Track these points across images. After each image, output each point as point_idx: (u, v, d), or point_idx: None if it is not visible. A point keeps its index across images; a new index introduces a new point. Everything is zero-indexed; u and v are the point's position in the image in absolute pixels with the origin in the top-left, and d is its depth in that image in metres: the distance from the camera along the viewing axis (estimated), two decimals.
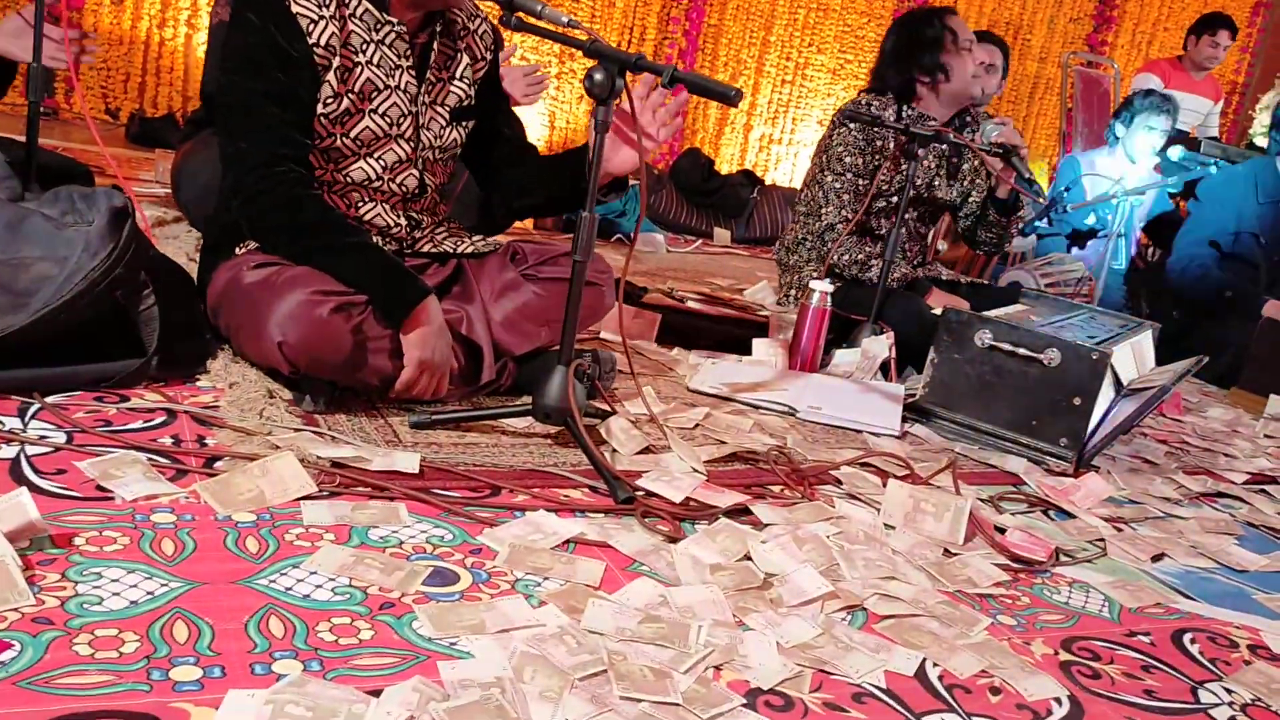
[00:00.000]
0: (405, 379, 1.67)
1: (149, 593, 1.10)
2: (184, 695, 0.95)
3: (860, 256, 2.75)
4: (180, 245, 2.55)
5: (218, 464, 1.43)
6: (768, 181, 5.49)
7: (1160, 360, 2.64)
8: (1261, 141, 6.06)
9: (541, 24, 1.60)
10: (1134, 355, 2.32)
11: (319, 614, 1.12)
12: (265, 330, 1.59)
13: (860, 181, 2.77)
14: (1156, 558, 1.75)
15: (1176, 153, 4.08)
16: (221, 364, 1.76)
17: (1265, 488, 2.27)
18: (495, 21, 1.72)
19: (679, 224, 4.73)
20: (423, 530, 1.35)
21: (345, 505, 1.37)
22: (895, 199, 2.75)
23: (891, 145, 2.75)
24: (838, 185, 2.77)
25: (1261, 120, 6.12)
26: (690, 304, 2.82)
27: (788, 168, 5.92)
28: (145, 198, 3.06)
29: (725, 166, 5.64)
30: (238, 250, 1.73)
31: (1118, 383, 2.11)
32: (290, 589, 1.16)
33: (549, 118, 5.31)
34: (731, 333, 2.62)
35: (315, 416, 1.64)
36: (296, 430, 1.56)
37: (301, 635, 1.08)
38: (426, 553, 1.30)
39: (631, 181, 4.67)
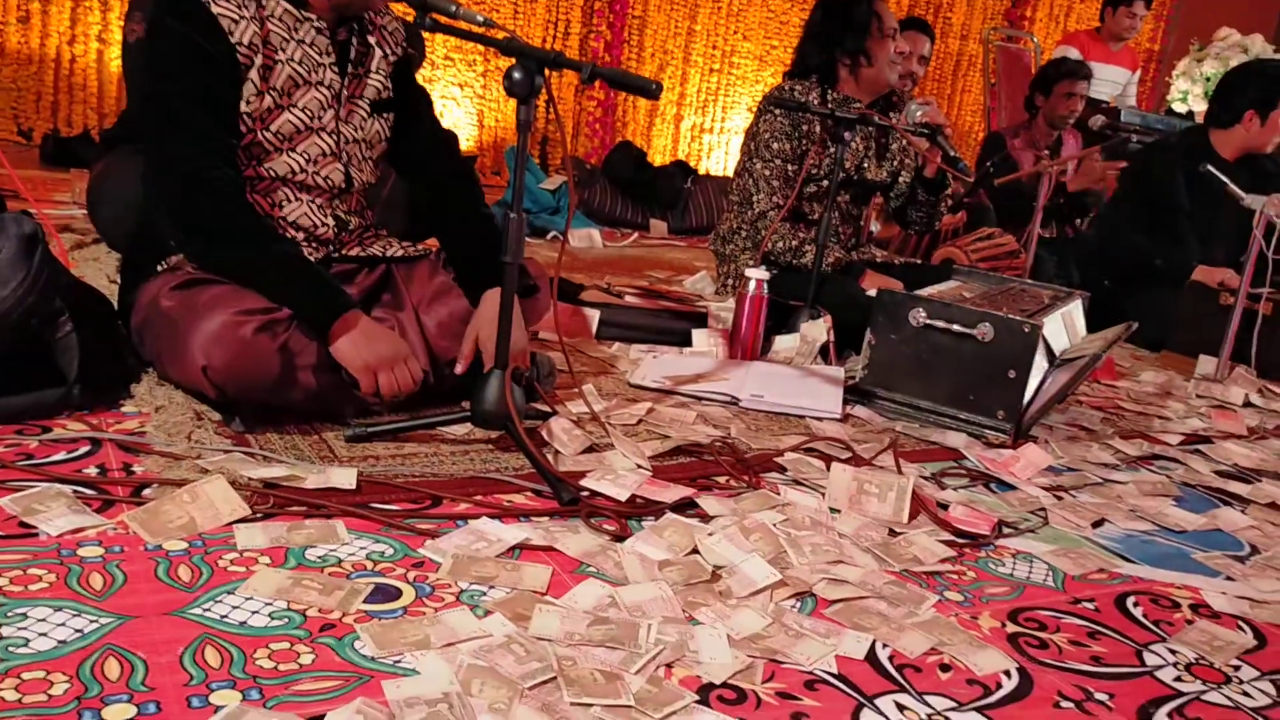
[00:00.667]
0: (365, 388, 1.65)
1: (78, 630, 1.07)
2: None
3: (794, 243, 2.76)
4: (100, 267, 2.48)
5: (146, 492, 1.39)
6: (701, 171, 5.50)
7: (1093, 327, 2.68)
8: (1180, 108, 6.21)
9: (457, 24, 1.58)
10: (1065, 325, 2.35)
11: (257, 640, 1.09)
12: (189, 355, 1.55)
13: (789, 167, 2.77)
14: (1097, 524, 1.78)
15: (1097, 122, 4.15)
16: (147, 387, 1.71)
17: (1199, 448, 2.32)
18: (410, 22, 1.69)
19: (614, 217, 4.71)
20: (362, 547, 1.32)
21: (280, 526, 1.34)
22: (825, 183, 2.76)
23: (818, 129, 2.75)
24: (767, 172, 2.77)
25: (1178, 86, 6.26)
26: (628, 299, 2.81)
27: (720, 156, 5.94)
28: (62, 220, 2.97)
29: (658, 158, 5.64)
30: (159, 268, 1.70)
31: (1050, 353, 2.14)
32: (226, 616, 1.13)
33: (477, 116, 5.26)
34: (671, 326, 2.61)
35: (246, 436, 1.60)
36: (227, 452, 1.52)
37: (239, 664, 1.05)
38: (367, 569, 1.27)
39: (562, 179, 4.63)
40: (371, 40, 1.83)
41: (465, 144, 5.22)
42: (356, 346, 1.63)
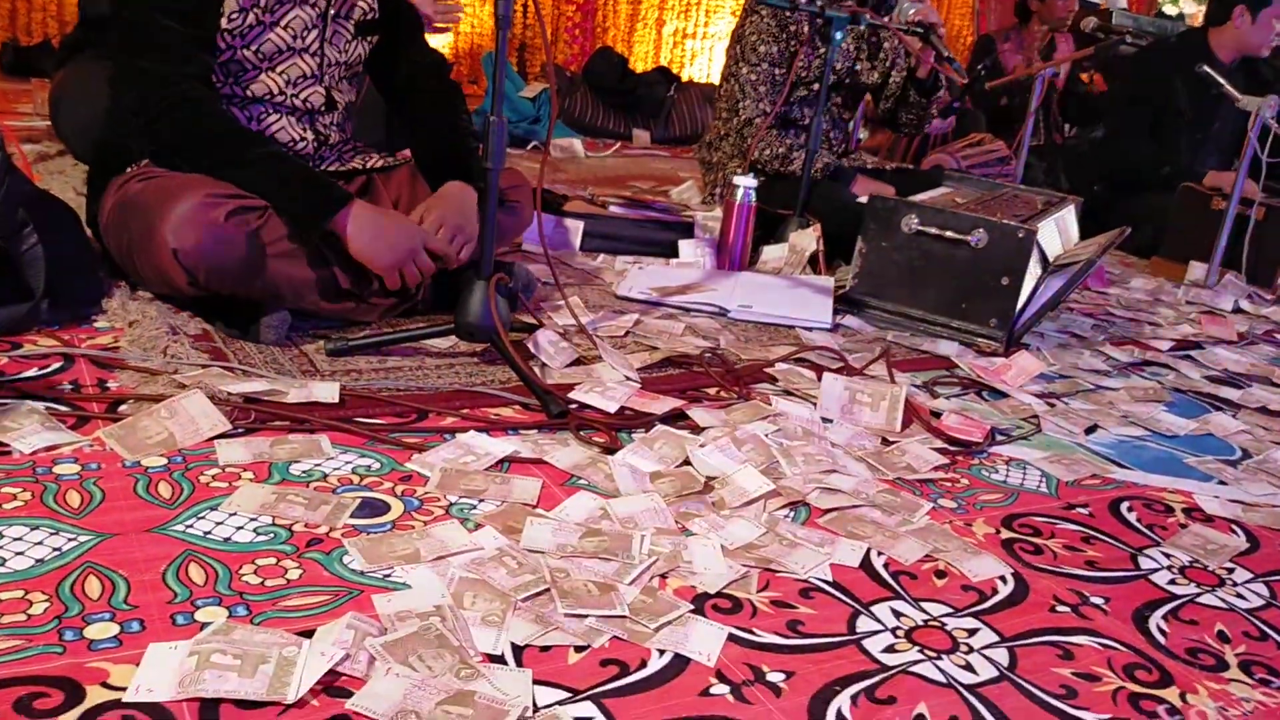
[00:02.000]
0: (391, 285, 1.65)
1: (56, 549, 1.04)
2: (101, 654, 0.90)
3: (781, 150, 2.68)
4: (67, 180, 2.40)
5: (122, 408, 1.35)
6: (684, 78, 5.36)
7: (1085, 233, 2.64)
8: (1170, 10, 6.08)
9: None
10: (1059, 231, 2.32)
11: (242, 556, 1.07)
12: (159, 237, 1.49)
13: (777, 71, 2.68)
14: (1090, 430, 1.76)
15: (1089, 24, 4.04)
16: (119, 302, 1.66)
17: (1190, 353, 2.31)
18: None
19: (596, 127, 4.60)
20: (347, 461, 1.29)
21: (263, 441, 1.30)
22: (815, 86, 2.68)
23: (806, 29, 2.66)
24: (753, 77, 2.68)
25: None
26: (613, 209, 2.75)
27: (704, 62, 5.79)
28: (24, 131, 2.87)
29: (640, 64, 5.49)
30: (128, 169, 1.63)
31: (1044, 259, 2.11)
32: (209, 533, 1.10)
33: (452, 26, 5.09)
34: (657, 236, 2.55)
35: (223, 350, 1.55)
36: (204, 366, 1.47)
37: (224, 580, 1.02)
38: (353, 484, 1.24)
39: (542, 87, 4.50)
40: None
41: (440, 50, 5.07)
42: (374, 245, 1.59)
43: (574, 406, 1.53)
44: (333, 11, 1.73)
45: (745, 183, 2.41)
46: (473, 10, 5.13)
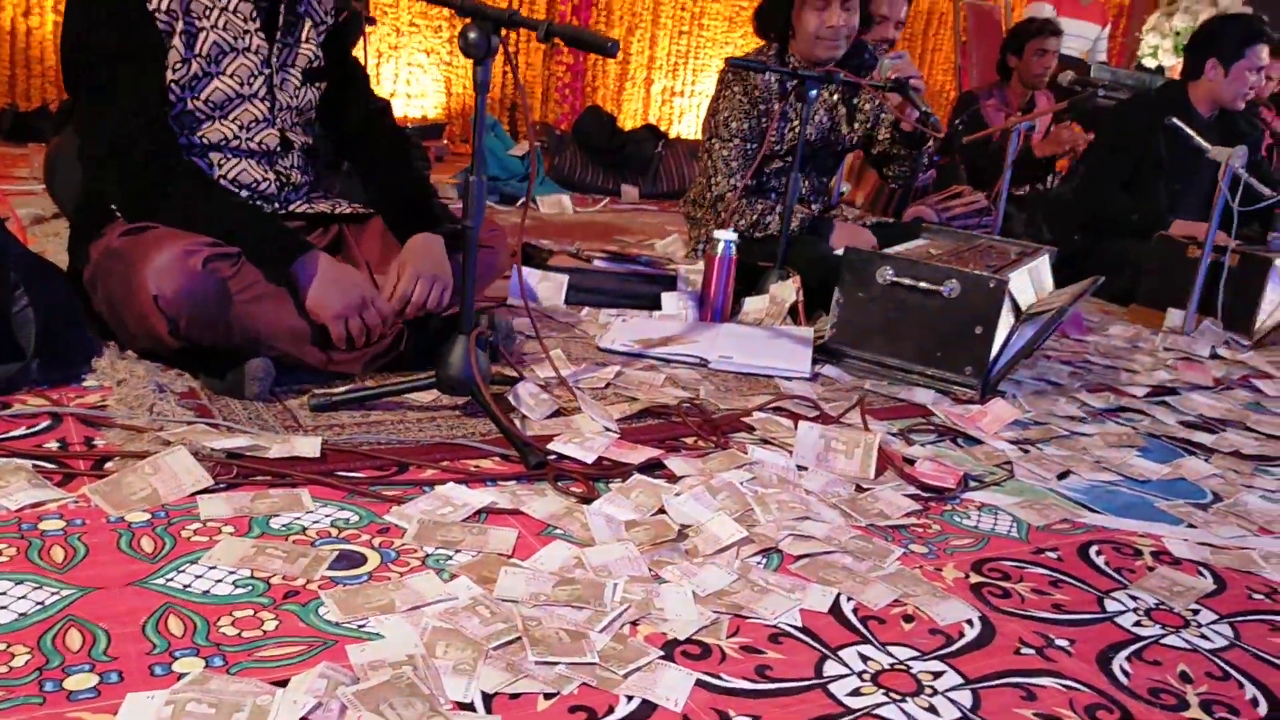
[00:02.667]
0: (336, 335, 1.69)
1: (39, 603, 1.06)
2: (80, 704, 0.92)
3: (754, 218, 2.72)
4: (61, 242, 2.43)
5: (108, 465, 1.38)
6: (672, 135, 5.47)
7: (1063, 282, 2.70)
8: (1150, 63, 6.21)
9: None
10: (1032, 280, 2.37)
11: (220, 609, 1.09)
12: (140, 286, 1.54)
13: (749, 146, 2.73)
14: (1062, 475, 1.79)
15: (1067, 78, 4.15)
16: (108, 361, 1.69)
17: (1165, 399, 2.34)
18: None
19: (585, 183, 4.68)
20: (327, 514, 1.32)
21: (244, 496, 1.33)
22: (789, 158, 2.74)
23: (777, 106, 2.71)
24: (725, 153, 2.72)
25: (1149, 41, 6.26)
26: (597, 263, 2.80)
27: (691, 119, 5.90)
28: (21, 195, 2.93)
29: (629, 122, 5.60)
30: (105, 231, 1.68)
31: (1016, 308, 2.15)
32: (189, 586, 1.13)
33: (445, 84, 5.20)
34: (640, 290, 2.60)
35: (208, 407, 1.58)
36: (190, 424, 1.51)
37: (202, 632, 1.05)
38: (331, 536, 1.27)
39: (534, 143, 4.57)
40: (301, 9, 1.83)
41: (433, 111, 5.17)
42: (325, 293, 1.65)
43: (553, 457, 1.56)
44: (276, 60, 1.79)
45: (726, 237, 2.46)
46: (465, 72, 5.24)
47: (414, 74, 5.05)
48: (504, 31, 1.52)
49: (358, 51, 3.09)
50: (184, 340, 1.59)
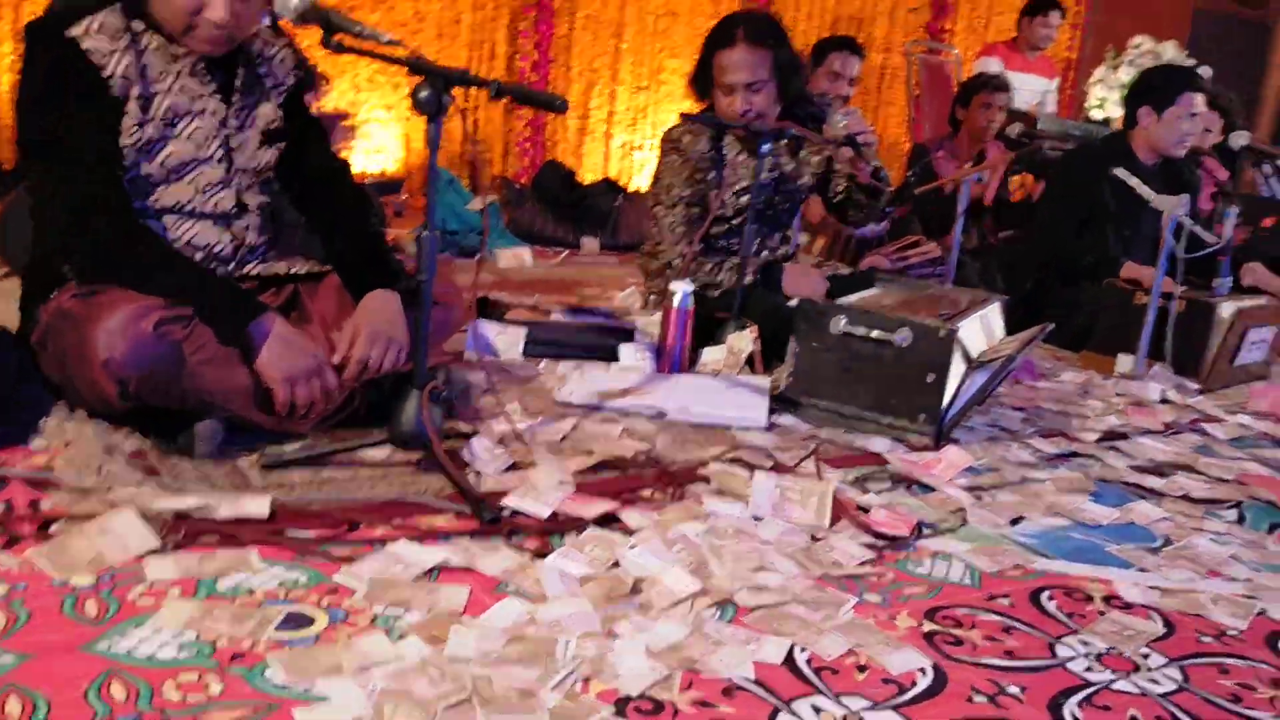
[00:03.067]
0: (281, 401, 1.65)
1: None
2: None
3: (706, 279, 2.74)
4: (13, 302, 2.42)
5: (53, 527, 1.36)
6: (631, 188, 5.52)
7: (1016, 328, 2.74)
8: (1098, 115, 6.38)
9: (362, 44, 1.58)
10: (983, 328, 2.40)
11: (165, 673, 1.07)
12: (90, 350, 1.53)
13: (692, 210, 2.75)
14: (1015, 521, 1.81)
15: (1014, 130, 4.26)
16: (56, 422, 1.67)
17: (1116, 444, 2.37)
18: (319, 43, 1.69)
19: (545, 236, 4.71)
20: (275, 575, 1.31)
21: (192, 557, 1.31)
22: (735, 221, 2.77)
23: (713, 174, 2.74)
24: (669, 220, 2.73)
25: (1096, 94, 6.43)
26: (555, 315, 2.81)
27: (651, 172, 5.97)
28: None
29: (589, 175, 5.64)
30: (54, 294, 1.67)
31: (967, 356, 2.19)
32: (133, 650, 1.11)
33: (404, 139, 5.23)
34: (598, 342, 2.61)
35: (156, 467, 1.57)
36: (138, 484, 1.49)
37: (146, 697, 1.03)
38: (280, 598, 1.25)
39: (490, 198, 4.61)
40: (261, 71, 1.84)
41: (392, 166, 5.19)
42: (277, 357, 1.63)
43: (507, 512, 1.55)
44: (234, 121, 1.80)
45: (682, 288, 2.48)
46: (423, 128, 5.28)
47: (374, 129, 5.08)
48: (463, 91, 1.54)
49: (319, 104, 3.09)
50: (134, 402, 1.57)
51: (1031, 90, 5.75)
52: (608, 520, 1.58)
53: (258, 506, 1.44)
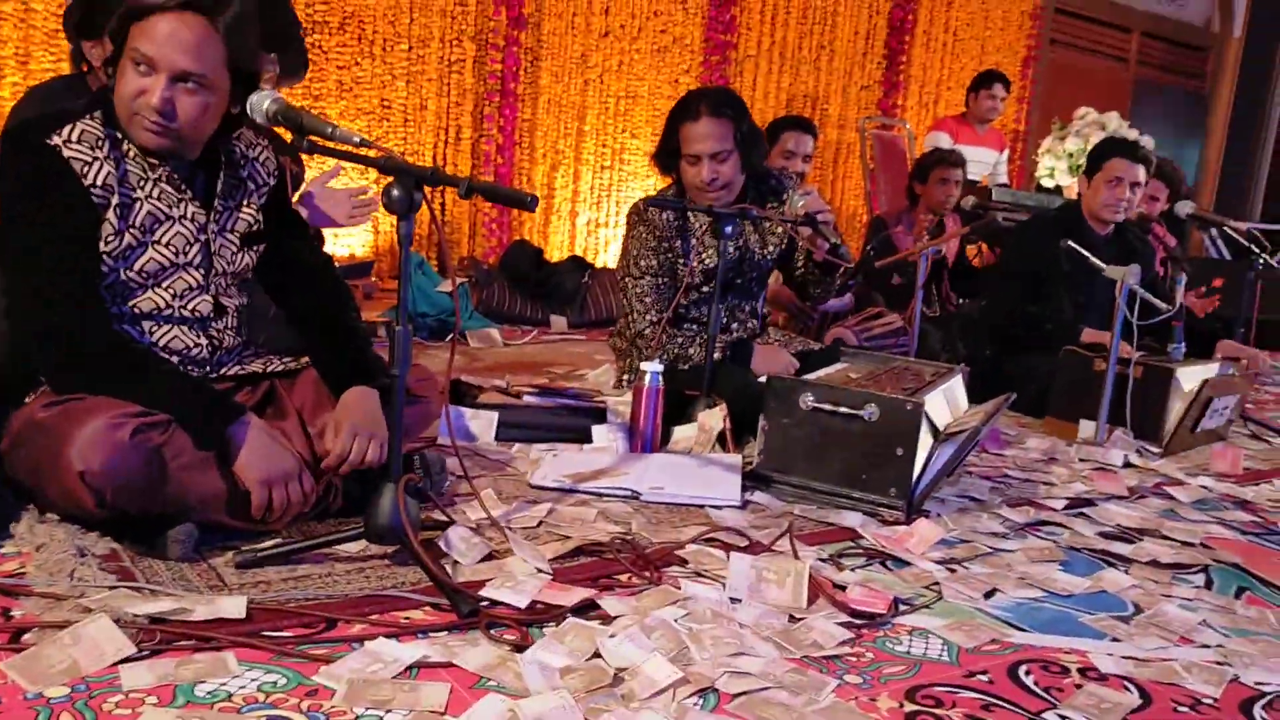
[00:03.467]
0: (257, 504, 1.65)
1: None
2: None
3: (677, 351, 2.79)
4: None
5: (25, 637, 1.34)
6: (598, 265, 5.59)
7: (979, 396, 2.79)
8: (1048, 183, 6.57)
9: (334, 145, 1.61)
10: (947, 400, 2.45)
11: None
12: (65, 461, 1.52)
13: (661, 280, 2.82)
14: (989, 594, 1.83)
15: (969, 202, 4.38)
16: (27, 526, 1.66)
17: (1083, 511, 2.41)
18: (289, 141, 1.72)
19: (514, 315, 4.75)
20: (254, 678, 1.29)
21: (169, 662, 1.30)
22: (705, 289, 2.83)
23: (679, 243, 2.81)
24: (638, 290, 2.81)
25: (1045, 163, 6.63)
26: (527, 398, 2.83)
27: (617, 248, 6.04)
28: None
29: (555, 253, 5.71)
30: (27, 400, 1.67)
31: (934, 429, 2.22)
32: None
33: (373, 222, 5.27)
34: (570, 423, 2.63)
35: (131, 570, 1.55)
36: (112, 588, 1.47)
37: None
38: (259, 702, 1.24)
39: (460, 279, 4.64)
40: (243, 174, 1.86)
41: (360, 250, 5.22)
42: (255, 460, 1.64)
43: (485, 604, 1.55)
44: (214, 226, 1.81)
45: (652, 368, 2.51)
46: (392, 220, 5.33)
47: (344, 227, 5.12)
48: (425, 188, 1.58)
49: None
50: (112, 511, 1.56)
51: (982, 162, 5.92)
52: (586, 608, 1.58)
53: (234, 607, 1.43)
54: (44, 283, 1.63)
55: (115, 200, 1.67)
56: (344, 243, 5.17)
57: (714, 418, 2.58)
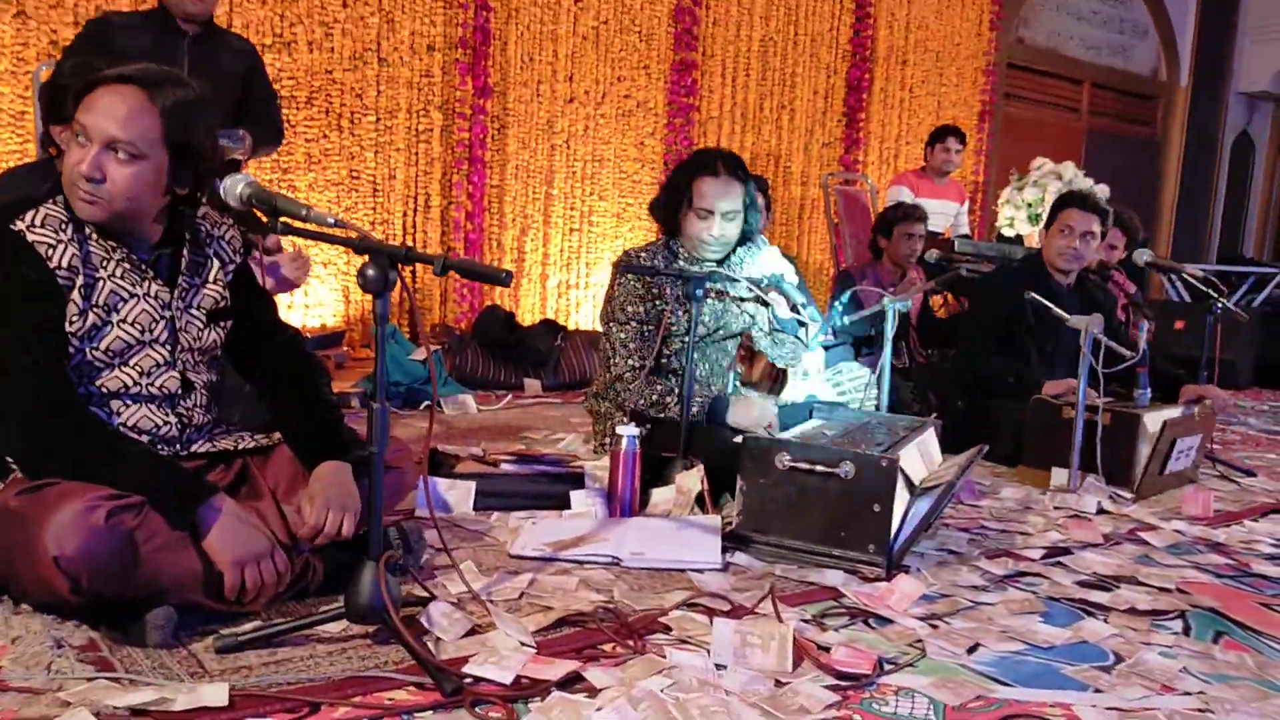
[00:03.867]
0: (230, 585, 1.64)
1: None
2: None
3: (654, 397, 2.82)
4: None
5: None
6: (570, 327, 5.62)
7: (953, 446, 2.82)
8: (1009, 233, 6.70)
9: (309, 226, 1.63)
10: (920, 454, 2.47)
11: None
12: (39, 546, 1.51)
13: (645, 328, 2.86)
14: (972, 649, 1.84)
15: (932, 255, 4.46)
16: (1, 617, 1.63)
17: (1060, 560, 2.43)
18: (263, 220, 1.73)
19: (488, 380, 4.75)
20: None
21: None
22: (688, 338, 2.86)
23: (668, 290, 2.87)
24: (623, 335, 2.86)
25: (1004, 213, 6.77)
26: (504, 466, 2.83)
27: (588, 310, 6.08)
28: None
29: (527, 317, 5.73)
30: (4, 483, 1.66)
31: (910, 484, 2.25)
32: None
33: (344, 292, 5.28)
34: (548, 490, 2.63)
35: (110, 659, 1.53)
36: (90, 680, 1.45)
37: None
38: None
39: (433, 347, 4.63)
40: (208, 250, 1.87)
41: (332, 320, 5.22)
42: (228, 539, 1.63)
43: (469, 681, 1.54)
44: (179, 303, 1.82)
45: (629, 432, 2.52)
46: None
47: (313, 284, 5.12)
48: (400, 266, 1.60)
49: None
50: (87, 597, 1.55)
51: (943, 214, 6.04)
52: (572, 680, 1.58)
53: (215, 695, 1.41)
54: (11, 367, 1.63)
55: (80, 280, 1.69)
56: (315, 313, 5.18)
57: (691, 479, 2.59)
